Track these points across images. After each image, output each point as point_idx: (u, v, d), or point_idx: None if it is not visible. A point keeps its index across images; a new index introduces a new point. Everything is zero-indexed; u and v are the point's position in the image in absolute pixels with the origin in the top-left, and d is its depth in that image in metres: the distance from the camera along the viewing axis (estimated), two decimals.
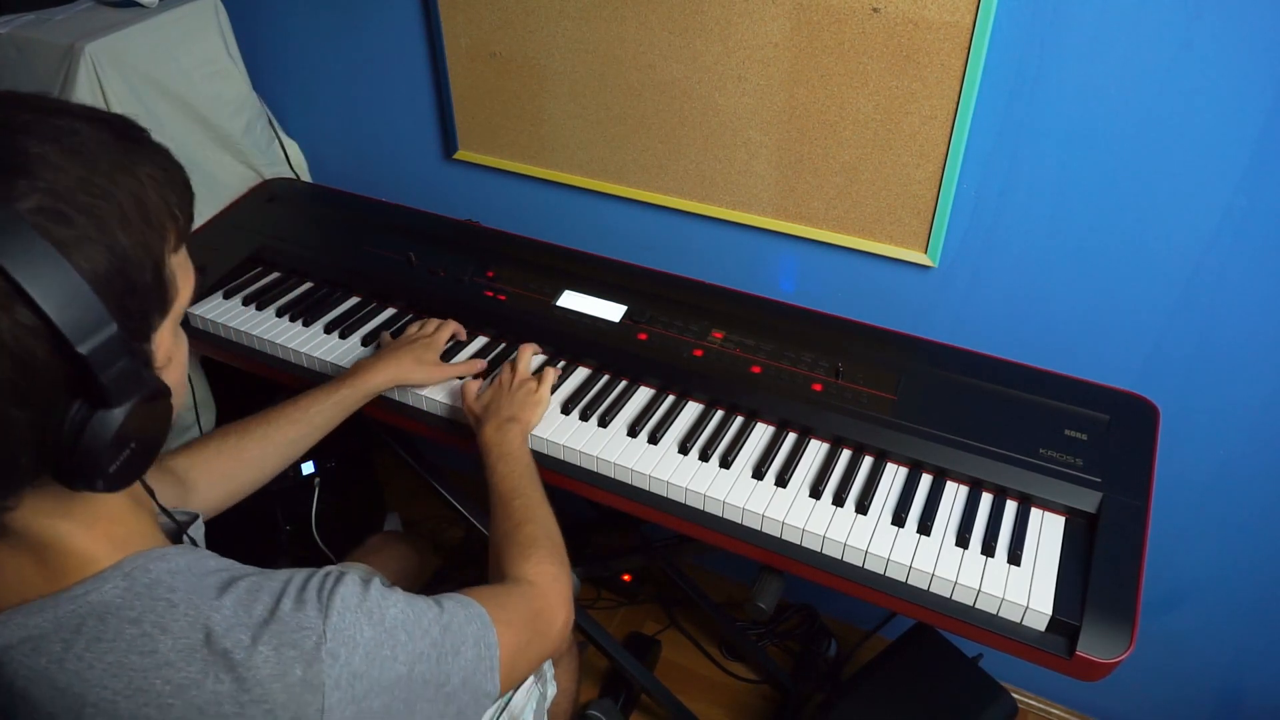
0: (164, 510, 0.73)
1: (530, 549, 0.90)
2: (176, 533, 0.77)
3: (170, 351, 0.63)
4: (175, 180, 0.61)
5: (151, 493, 0.70)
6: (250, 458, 1.03)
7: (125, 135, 0.60)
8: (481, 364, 1.22)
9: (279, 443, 1.05)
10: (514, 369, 1.16)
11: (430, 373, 1.18)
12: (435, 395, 1.20)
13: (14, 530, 0.59)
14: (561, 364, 1.23)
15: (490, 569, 0.93)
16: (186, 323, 1.36)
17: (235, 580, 0.63)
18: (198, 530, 0.80)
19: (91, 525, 0.61)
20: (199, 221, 1.55)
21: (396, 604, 0.67)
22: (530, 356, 1.19)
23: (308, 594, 0.63)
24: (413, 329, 1.25)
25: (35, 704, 0.58)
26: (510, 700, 1.11)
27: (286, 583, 0.64)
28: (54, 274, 0.51)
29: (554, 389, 1.19)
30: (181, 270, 0.62)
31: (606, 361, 1.25)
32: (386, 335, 1.27)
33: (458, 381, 1.22)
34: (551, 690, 1.20)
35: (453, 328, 1.25)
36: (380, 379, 1.14)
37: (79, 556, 0.61)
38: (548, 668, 1.20)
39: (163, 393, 0.59)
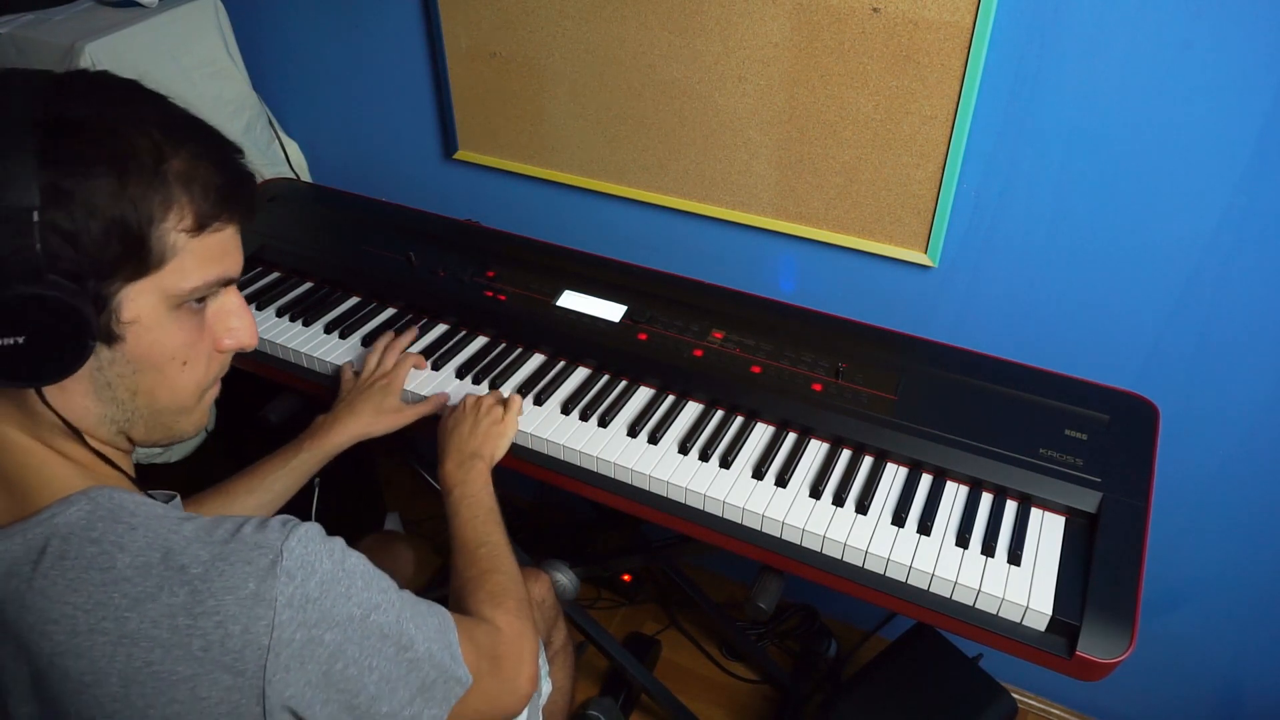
0: (138, 488, 0.72)
1: (501, 598, 0.88)
2: None
3: (142, 316, 0.64)
4: (224, 174, 0.66)
5: (135, 480, 0.72)
6: None
7: (203, 129, 0.66)
8: (445, 397, 1.19)
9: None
10: (482, 396, 1.13)
11: (392, 421, 1.15)
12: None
13: None
14: (530, 394, 1.19)
15: (450, 601, 0.90)
16: None
17: (200, 517, 0.65)
18: (176, 508, 0.79)
19: (62, 450, 0.65)
20: None
21: (359, 558, 0.68)
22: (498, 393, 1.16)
23: (271, 522, 0.64)
24: (371, 361, 1.21)
25: (8, 628, 0.59)
26: None
27: (251, 517, 0.65)
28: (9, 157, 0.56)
29: (545, 399, 1.19)
30: (189, 254, 0.64)
31: (606, 361, 1.25)
32: (349, 371, 1.23)
33: (457, 381, 1.22)
34: (546, 687, 1.19)
35: (412, 361, 1.22)
36: (339, 439, 1.11)
37: (47, 480, 0.63)
38: (543, 664, 1.19)
39: (70, 309, 0.59)
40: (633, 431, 1.14)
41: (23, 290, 0.57)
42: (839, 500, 1.04)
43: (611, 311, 1.30)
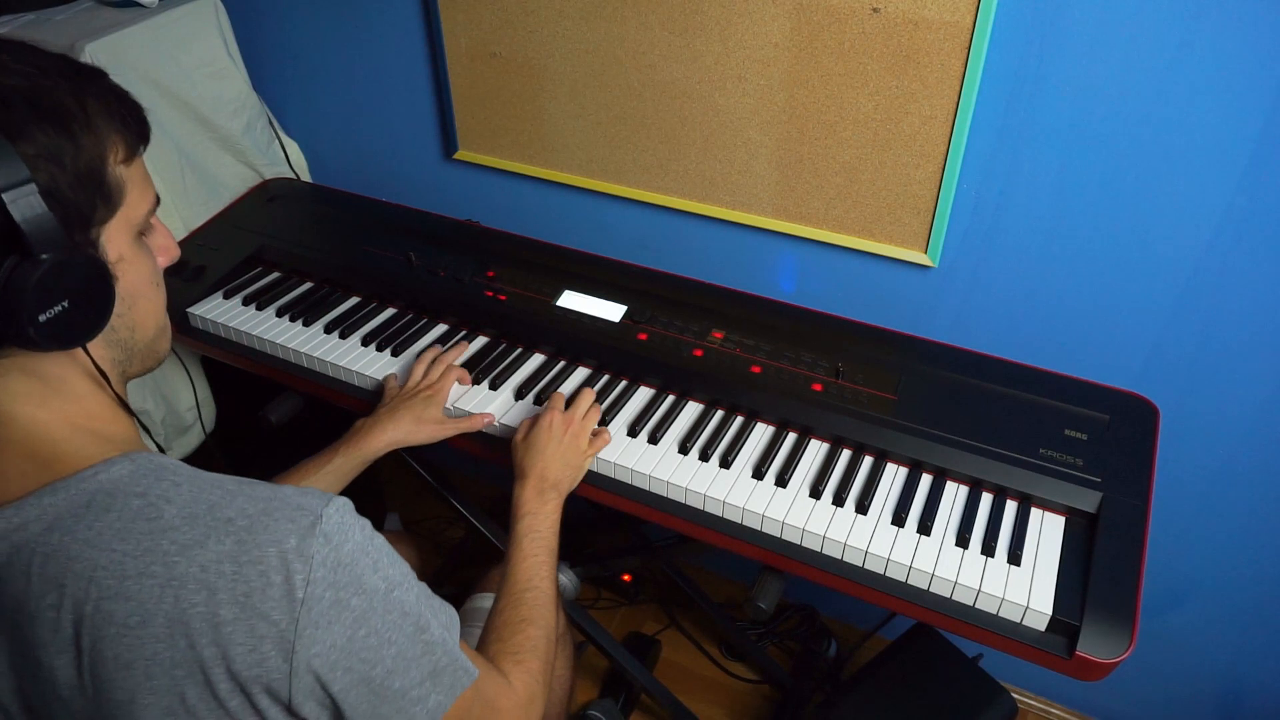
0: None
1: (527, 657, 0.87)
2: None
3: (123, 252, 0.69)
4: (125, 100, 0.70)
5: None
6: None
7: (83, 67, 0.68)
8: (489, 418, 1.16)
9: None
10: (569, 415, 1.08)
11: (432, 432, 1.14)
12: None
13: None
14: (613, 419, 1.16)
15: (483, 634, 0.90)
16: (186, 322, 1.37)
17: (239, 480, 0.68)
18: None
19: (83, 424, 0.68)
20: (199, 221, 1.57)
21: (384, 539, 0.70)
22: (588, 404, 1.12)
23: (309, 489, 0.68)
24: (418, 371, 1.20)
25: (50, 580, 0.60)
26: None
27: (286, 485, 0.69)
28: None
29: (545, 399, 1.19)
30: (133, 182, 0.69)
31: (606, 361, 1.25)
32: (393, 381, 1.21)
33: (458, 384, 1.22)
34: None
35: (457, 374, 1.20)
36: (378, 443, 1.11)
37: (78, 449, 0.66)
38: None
39: (96, 262, 0.66)
40: (633, 431, 1.14)
41: (54, 257, 0.62)
42: (839, 500, 1.04)
43: (611, 311, 1.30)
